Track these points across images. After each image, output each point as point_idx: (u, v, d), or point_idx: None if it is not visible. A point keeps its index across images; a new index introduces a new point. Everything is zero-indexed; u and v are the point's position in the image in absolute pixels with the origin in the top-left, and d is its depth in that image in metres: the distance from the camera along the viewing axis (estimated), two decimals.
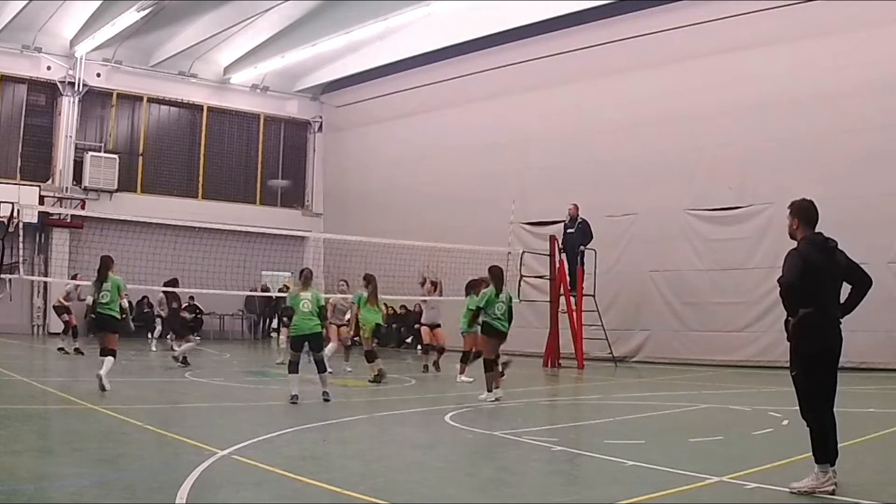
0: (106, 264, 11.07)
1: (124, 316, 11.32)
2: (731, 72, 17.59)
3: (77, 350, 16.31)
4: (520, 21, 20.43)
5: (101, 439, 7.44)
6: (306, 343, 10.32)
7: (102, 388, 10.17)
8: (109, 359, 10.47)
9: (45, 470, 6.07)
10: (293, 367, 10.22)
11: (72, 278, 17.67)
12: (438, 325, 15.88)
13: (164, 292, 16.38)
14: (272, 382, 13.21)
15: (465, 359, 13.20)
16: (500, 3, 19.97)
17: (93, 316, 11.71)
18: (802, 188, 10.74)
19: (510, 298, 11.26)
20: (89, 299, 12.43)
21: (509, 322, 11.08)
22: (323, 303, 10.56)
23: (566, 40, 20.46)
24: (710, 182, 18.11)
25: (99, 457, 6.61)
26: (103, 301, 10.75)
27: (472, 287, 12.76)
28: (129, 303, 23.62)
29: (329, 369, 14.96)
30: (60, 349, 16.52)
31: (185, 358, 14.78)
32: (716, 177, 17.99)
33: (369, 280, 13.68)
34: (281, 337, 17.28)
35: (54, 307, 17.45)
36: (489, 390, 10.73)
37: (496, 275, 11.20)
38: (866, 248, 11.05)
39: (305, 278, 10.52)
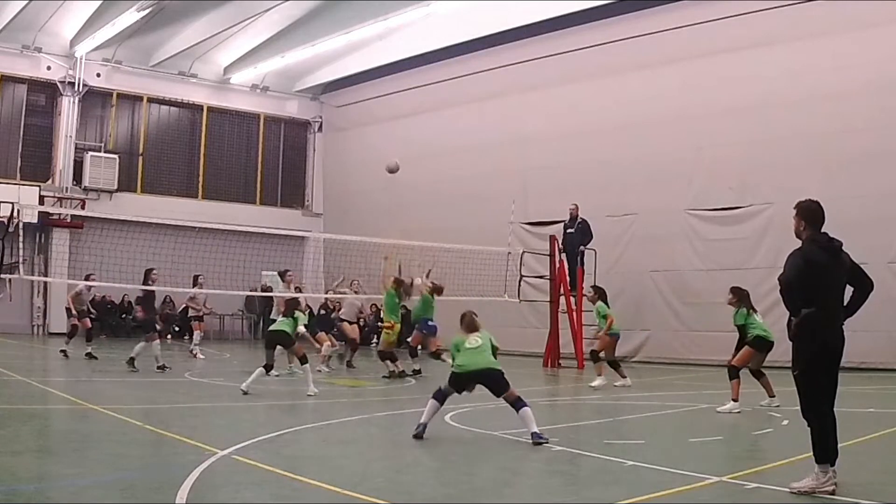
0: (292, 306, 11.90)
1: None
2: (731, 72, 17.60)
3: (89, 354, 15.71)
4: (520, 21, 20.44)
5: (100, 439, 7.44)
6: (475, 383, 8.11)
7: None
8: (306, 366, 11.53)
9: (45, 470, 6.07)
10: (440, 395, 8.06)
11: (85, 278, 17.24)
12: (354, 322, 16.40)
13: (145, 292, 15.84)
14: (272, 382, 13.20)
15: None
16: (500, 3, 19.97)
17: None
18: (802, 188, 10.80)
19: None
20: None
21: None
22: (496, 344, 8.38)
23: (566, 40, 20.47)
24: (710, 182, 18.12)
25: (99, 457, 6.61)
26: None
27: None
28: (130, 303, 23.65)
29: (327, 368, 14.97)
30: (63, 352, 15.94)
31: (131, 360, 13.88)
32: (716, 177, 18.00)
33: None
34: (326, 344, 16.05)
35: (66, 308, 16.76)
36: (735, 400, 9.79)
37: (744, 296, 10.31)
38: (866, 248, 11.04)
39: (468, 324, 8.39)
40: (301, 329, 11.90)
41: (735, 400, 9.78)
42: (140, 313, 14.65)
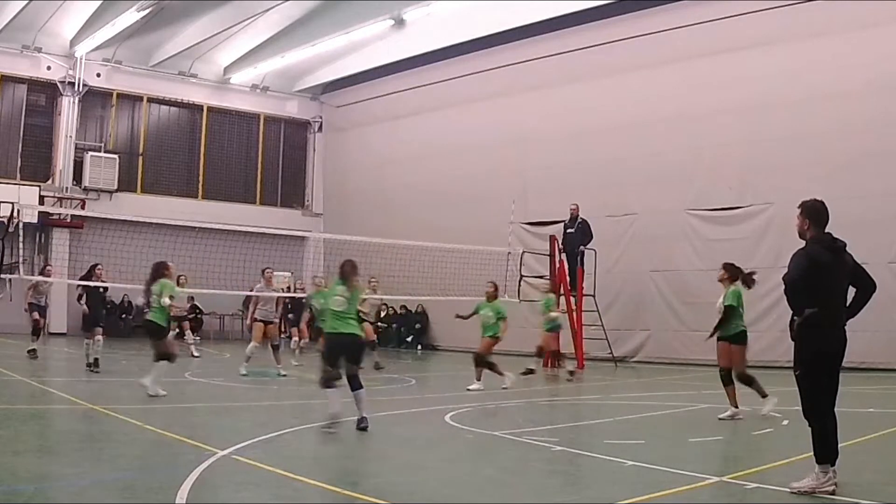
0: (160, 272, 10.79)
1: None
2: (731, 72, 17.59)
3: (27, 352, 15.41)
4: (520, 21, 20.43)
5: (101, 439, 7.44)
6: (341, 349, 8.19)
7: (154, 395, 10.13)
8: (160, 363, 10.42)
9: (45, 470, 6.07)
10: (330, 381, 8.21)
11: (41, 271, 16.83)
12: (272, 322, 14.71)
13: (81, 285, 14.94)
14: (272, 382, 13.21)
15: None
16: (500, 3, 19.97)
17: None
18: (802, 188, 10.78)
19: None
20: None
21: None
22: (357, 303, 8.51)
23: (566, 40, 20.46)
24: (710, 182, 18.11)
25: (99, 457, 6.61)
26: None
27: None
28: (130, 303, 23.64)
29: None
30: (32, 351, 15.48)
31: (95, 361, 13.53)
32: (716, 177, 18.00)
33: None
34: (294, 338, 16.83)
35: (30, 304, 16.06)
36: (736, 406, 9.23)
37: (737, 273, 9.45)
38: (867, 248, 11.04)
39: (345, 272, 8.41)
40: (166, 301, 10.53)
41: (765, 395, 9.20)
42: (85, 310, 14.42)
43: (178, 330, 18.50)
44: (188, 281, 17.08)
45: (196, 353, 17.56)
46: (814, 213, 5.70)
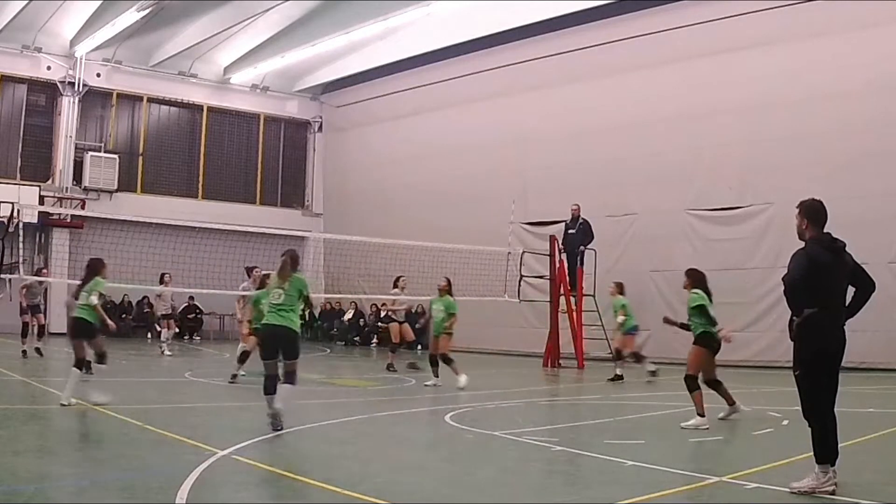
0: (95, 268, 9.94)
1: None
2: (731, 72, 17.60)
3: (35, 350, 15.48)
4: (520, 21, 20.43)
5: (101, 439, 7.44)
6: (274, 342, 8.01)
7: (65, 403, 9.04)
8: (101, 365, 9.67)
9: (45, 470, 6.07)
10: (270, 384, 7.86)
11: (36, 272, 16.95)
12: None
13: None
14: None
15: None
16: (500, 3, 19.98)
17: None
18: (802, 188, 10.76)
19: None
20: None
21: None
22: (306, 292, 8.18)
23: (566, 40, 20.47)
24: (710, 182, 18.12)
25: (99, 457, 6.61)
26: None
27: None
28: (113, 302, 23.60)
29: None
30: (37, 349, 15.60)
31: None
32: (716, 177, 18.00)
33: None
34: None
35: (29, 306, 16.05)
36: (700, 414, 8.53)
37: (700, 278, 9.16)
38: (866, 248, 11.02)
39: (282, 265, 8.25)
40: (94, 299, 9.52)
41: (701, 414, 8.53)
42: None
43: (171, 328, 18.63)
44: (172, 279, 17.26)
45: (168, 352, 17.60)
46: (812, 213, 5.70)
